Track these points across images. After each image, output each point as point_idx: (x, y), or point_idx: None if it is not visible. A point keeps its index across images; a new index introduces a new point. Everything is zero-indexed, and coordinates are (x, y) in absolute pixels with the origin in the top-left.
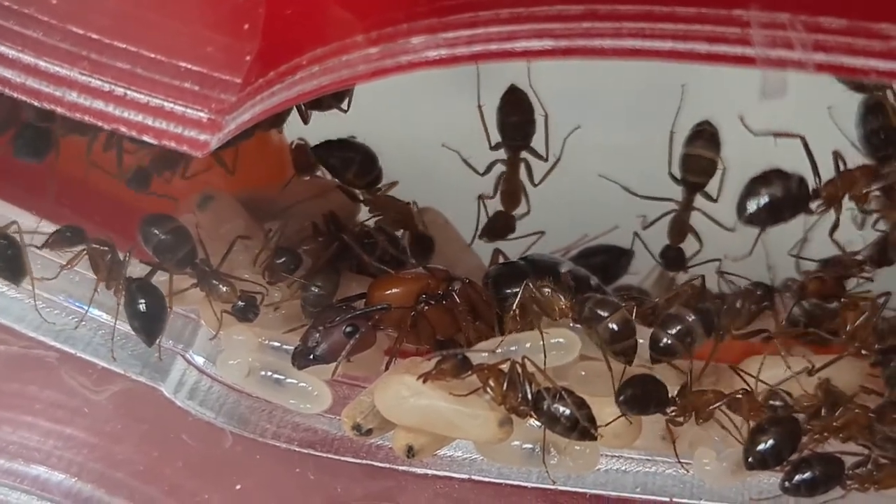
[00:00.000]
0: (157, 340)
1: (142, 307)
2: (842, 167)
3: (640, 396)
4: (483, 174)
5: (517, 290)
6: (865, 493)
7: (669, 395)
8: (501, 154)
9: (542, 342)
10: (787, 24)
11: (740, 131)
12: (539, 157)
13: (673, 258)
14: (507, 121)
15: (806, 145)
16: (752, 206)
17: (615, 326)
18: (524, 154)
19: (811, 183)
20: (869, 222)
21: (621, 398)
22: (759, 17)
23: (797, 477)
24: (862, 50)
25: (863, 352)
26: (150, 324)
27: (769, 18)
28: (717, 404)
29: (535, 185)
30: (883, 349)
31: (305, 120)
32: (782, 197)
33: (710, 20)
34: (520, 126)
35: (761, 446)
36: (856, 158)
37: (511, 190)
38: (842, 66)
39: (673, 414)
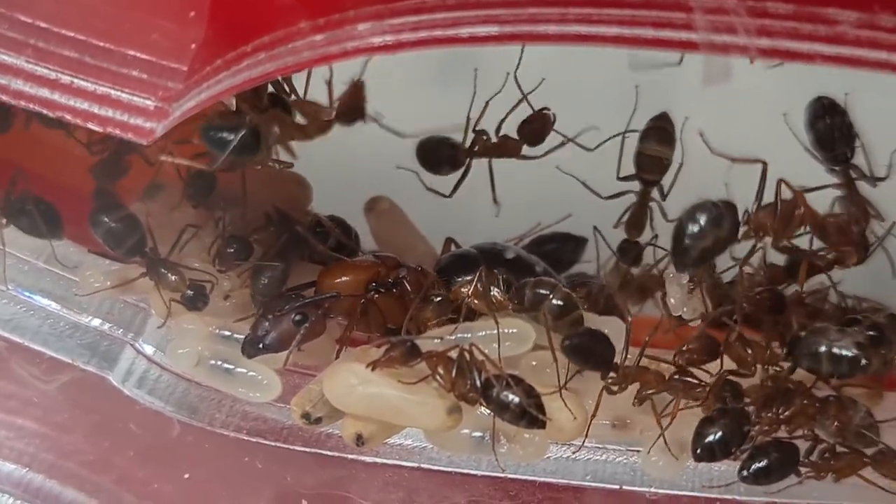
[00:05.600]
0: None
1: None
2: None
3: (587, 348)
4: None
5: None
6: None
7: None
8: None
9: (495, 332)
10: (732, 9)
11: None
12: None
13: (629, 251)
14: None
15: (764, 172)
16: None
17: (559, 302)
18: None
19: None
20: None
21: (568, 343)
22: (703, 2)
23: (754, 465)
24: (808, 35)
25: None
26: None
27: (715, 3)
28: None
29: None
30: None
31: None
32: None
33: (656, 5)
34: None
35: (709, 438)
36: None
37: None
38: (787, 52)
39: (610, 381)
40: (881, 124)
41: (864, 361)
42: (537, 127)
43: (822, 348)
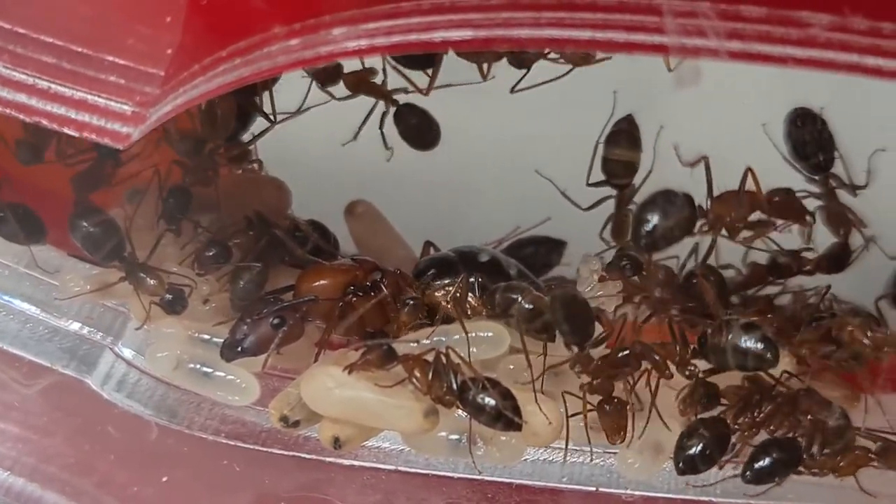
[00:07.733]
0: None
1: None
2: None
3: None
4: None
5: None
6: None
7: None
8: None
9: (471, 335)
10: (702, 12)
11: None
12: None
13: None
14: None
15: (707, 166)
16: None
17: (528, 305)
18: None
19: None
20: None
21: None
22: (675, 6)
23: (756, 465)
24: (780, 38)
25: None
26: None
27: (686, 7)
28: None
29: None
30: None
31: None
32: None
33: (629, 9)
34: None
35: (691, 451)
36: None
37: None
38: (758, 55)
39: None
40: (866, 134)
41: (769, 356)
42: None
43: (727, 342)
